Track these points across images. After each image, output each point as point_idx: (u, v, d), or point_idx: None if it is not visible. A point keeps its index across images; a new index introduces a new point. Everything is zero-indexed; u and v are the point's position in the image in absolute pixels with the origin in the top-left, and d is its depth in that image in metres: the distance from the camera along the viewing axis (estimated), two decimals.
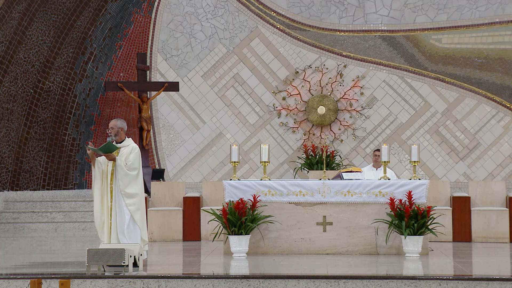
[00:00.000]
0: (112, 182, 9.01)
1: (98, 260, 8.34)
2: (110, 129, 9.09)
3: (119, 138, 9.12)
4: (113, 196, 8.99)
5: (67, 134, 15.79)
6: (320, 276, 8.14)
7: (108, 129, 9.12)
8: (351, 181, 10.51)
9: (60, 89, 15.67)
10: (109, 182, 9.02)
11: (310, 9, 16.35)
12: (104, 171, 9.05)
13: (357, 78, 16.25)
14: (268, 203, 10.44)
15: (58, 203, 14.99)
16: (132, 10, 16.28)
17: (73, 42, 15.69)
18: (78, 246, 11.93)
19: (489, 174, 15.92)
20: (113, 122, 9.13)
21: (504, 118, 15.98)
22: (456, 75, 16.12)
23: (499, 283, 7.91)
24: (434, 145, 16.08)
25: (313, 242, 10.39)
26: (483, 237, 11.91)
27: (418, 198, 10.25)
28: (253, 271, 8.98)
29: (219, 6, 16.41)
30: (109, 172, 9.04)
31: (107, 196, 9.02)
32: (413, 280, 7.99)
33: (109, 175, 9.02)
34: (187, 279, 8.19)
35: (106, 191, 9.04)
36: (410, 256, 10.02)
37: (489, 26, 16.01)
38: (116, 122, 9.13)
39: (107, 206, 9.01)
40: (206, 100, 16.44)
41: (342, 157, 16.07)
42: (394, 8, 16.20)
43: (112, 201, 8.99)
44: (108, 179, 9.02)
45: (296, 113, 16.35)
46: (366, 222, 10.35)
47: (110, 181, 9.02)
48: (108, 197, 9.01)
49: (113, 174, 9.02)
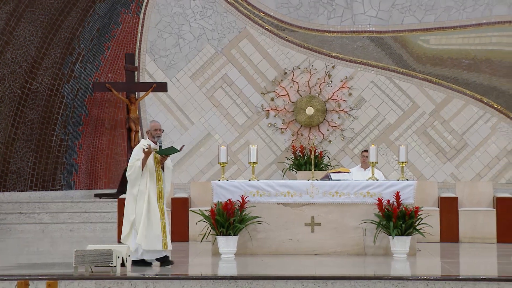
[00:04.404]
0: (160, 183, 9.13)
1: (85, 261, 8.31)
2: (158, 130, 9.27)
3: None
4: (162, 197, 9.17)
5: (55, 135, 15.74)
6: (308, 277, 8.15)
7: (155, 130, 9.25)
8: (339, 181, 10.53)
9: (48, 90, 15.62)
10: (158, 183, 9.14)
11: (298, 10, 16.37)
12: (152, 172, 9.14)
13: (345, 79, 16.29)
14: (257, 204, 10.45)
15: (46, 204, 14.93)
16: (120, 10, 16.25)
17: (60, 42, 15.65)
18: (66, 247, 11.89)
19: (476, 175, 15.98)
20: (159, 124, 9.36)
21: (491, 118, 16.06)
22: (444, 76, 16.17)
23: (486, 284, 7.94)
24: (422, 145, 16.13)
25: (301, 243, 10.40)
26: (470, 238, 11.96)
27: (406, 199, 10.28)
28: (241, 272, 8.98)
29: (208, 6, 16.40)
30: (156, 173, 9.15)
31: (155, 197, 9.10)
32: (401, 281, 8.01)
33: (158, 176, 9.16)
34: (175, 280, 8.17)
35: (154, 192, 9.10)
36: (398, 257, 10.04)
37: (477, 27, 16.07)
38: (160, 124, 9.36)
39: (159, 208, 9.10)
40: (195, 101, 16.43)
41: (331, 158, 16.09)
42: (382, 9, 16.24)
43: (163, 203, 9.15)
44: (157, 180, 9.15)
45: (285, 114, 16.36)
46: (354, 222, 10.37)
47: (159, 182, 9.14)
48: (156, 198, 9.09)
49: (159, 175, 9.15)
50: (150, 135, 9.35)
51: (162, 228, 9.09)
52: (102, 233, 13.78)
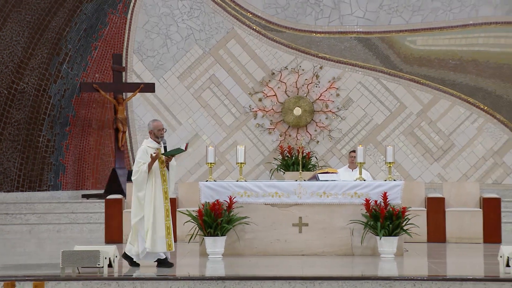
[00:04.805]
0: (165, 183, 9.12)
1: (72, 262, 8.29)
2: (162, 130, 9.16)
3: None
4: (168, 197, 9.14)
5: (42, 135, 15.67)
6: (296, 277, 8.16)
7: (159, 130, 9.16)
8: (327, 182, 10.54)
9: (35, 90, 15.55)
10: (163, 183, 9.11)
11: (286, 10, 16.38)
12: (157, 173, 9.10)
13: (333, 80, 16.31)
14: (244, 204, 10.45)
15: (33, 205, 14.86)
16: (108, 11, 16.20)
17: (47, 42, 15.59)
18: (53, 248, 11.84)
19: (463, 175, 16.05)
20: (162, 124, 9.26)
21: (478, 119, 16.13)
22: (431, 77, 16.23)
23: (472, 283, 7.98)
24: (409, 146, 16.18)
25: (289, 243, 10.41)
26: (457, 238, 12.00)
27: (393, 199, 10.30)
28: (229, 273, 8.98)
29: (195, 7, 16.39)
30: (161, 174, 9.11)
31: (161, 198, 9.08)
32: (388, 281, 8.04)
33: (163, 177, 9.12)
34: (162, 280, 8.16)
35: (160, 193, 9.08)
36: (385, 257, 10.07)
37: (463, 28, 16.14)
38: (162, 124, 9.29)
39: (165, 209, 9.09)
40: (182, 101, 16.41)
41: (318, 158, 16.11)
42: (370, 10, 16.28)
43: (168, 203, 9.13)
44: (162, 181, 9.11)
45: (272, 114, 16.37)
46: (342, 223, 10.39)
47: (164, 182, 9.11)
48: (162, 199, 9.08)
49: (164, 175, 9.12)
50: (153, 135, 9.19)
51: (166, 229, 9.08)
52: (89, 234, 13.74)
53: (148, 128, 9.29)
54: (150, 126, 9.24)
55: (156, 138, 9.18)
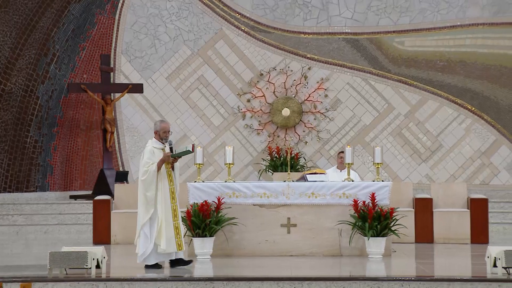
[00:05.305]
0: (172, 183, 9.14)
1: (60, 263, 8.26)
2: (168, 132, 9.17)
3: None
4: (175, 197, 9.14)
5: (29, 136, 15.62)
6: (284, 278, 8.17)
7: (165, 132, 9.15)
8: (315, 183, 10.56)
9: (22, 91, 15.49)
10: (170, 183, 9.12)
11: (274, 11, 16.39)
12: (164, 174, 9.09)
13: (321, 80, 16.34)
14: (233, 205, 10.45)
15: (20, 206, 14.80)
16: (96, 11, 16.16)
17: (35, 43, 15.53)
18: (40, 249, 11.79)
19: (450, 176, 16.11)
20: (169, 126, 9.26)
21: (466, 120, 16.19)
22: (419, 78, 16.29)
23: (460, 284, 8.02)
24: (397, 147, 16.22)
25: (277, 244, 10.41)
26: (444, 238, 12.04)
27: (381, 200, 10.33)
28: (217, 273, 8.98)
29: (184, 8, 16.38)
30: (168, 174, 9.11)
31: (170, 198, 9.08)
32: (376, 281, 8.06)
33: (169, 177, 9.12)
34: (151, 281, 8.16)
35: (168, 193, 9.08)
36: (373, 258, 10.09)
37: (451, 29, 16.21)
38: (169, 126, 9.29)
39: (172, 209, 9.07)
40: (171, 102, 16.39)
41: (307, 159, 16.13)
42: (358, 11, 16.32)
43: (176, 203, 9.13)
44: (169, 181, 9.12)
45: (261, 115, 16.38)
46: (330, 223, 10.41)
47: (171, 182, 9.13)
48: (170, 199, 9.08)
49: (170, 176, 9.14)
50: (158, 136, 9.18)
51: (175, 229, 9.06)
52: (77, 235, 13.70)
53: (155, 127, 9.26)
54: (157, 126, 9.22)
55: (160, 139, 9.19)
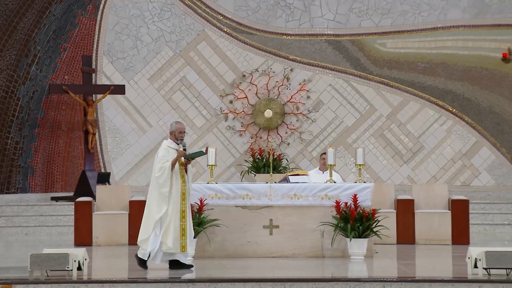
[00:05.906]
0: (184, 184, 9.11)
1: (41, 265, 8.22)
2: (183, 133, 9.18)
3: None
4: (186, 199, 9.11)
5: (10, 137, 15.52)
6: (267, 279, 8.18)
7: (180, 133, 9.15)
8: (298, 184, 10.58)
9: (3, 92, 15.39)
10: (182, 184, 9.10)
11: (256, 12, 16.40)
12: (177, 174, 9.08)
13: (303, 82, 16.37)
14: (215, 207, 10.44)
15: (0, 208, 14.70)
16: (77, 12, 16.09)
17: (16, 44, 15.43)
18: (21, 251, 11.72)
19: (432, 177, 16.19)
20: (184, 127, 9.26)
21: (447, 122, 16.29)
22: (401, 79, 16.36)
23: (441, 285, 8.06)
24: (379, 148, 16.29)
25: (259, 245, 10.42)
26: (426, 239, 12.10)
27: (363, 201, 10.36)
28: (200, 275, 8.97)
29: (166, 9, 16.34)
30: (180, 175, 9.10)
31: (179, 199, 9.05)
32: (358, 283, 8.08)
33: (182, 178, 9.11)
34: (133, 283, 8.13)
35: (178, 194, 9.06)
36: (355, 259, 10.12)
37: (432, 31, 16.30)
38: (185, 127, 9.28)
39: (181, 210, 9.05)
40: (153, 103, 16.35)
41: (289, 161, 16.15)
42: (340, 12, 16.37)
43: (185, 204, 9.09)
44: (181, 182, 9.10)
45: (243, 117, 16.38)
46: (312, 225, 10.43)
47: (182, 183, 9.11)
48: (179, 200, 9.05)
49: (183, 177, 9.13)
50: (174, 137, 9.20)
51: (181, 230, 9.05)
52: (58, 237, 13.63)
53: (170, 128, 9.29)
54: (172, 127, 9.26)
55: (176, 140, 9.21)
